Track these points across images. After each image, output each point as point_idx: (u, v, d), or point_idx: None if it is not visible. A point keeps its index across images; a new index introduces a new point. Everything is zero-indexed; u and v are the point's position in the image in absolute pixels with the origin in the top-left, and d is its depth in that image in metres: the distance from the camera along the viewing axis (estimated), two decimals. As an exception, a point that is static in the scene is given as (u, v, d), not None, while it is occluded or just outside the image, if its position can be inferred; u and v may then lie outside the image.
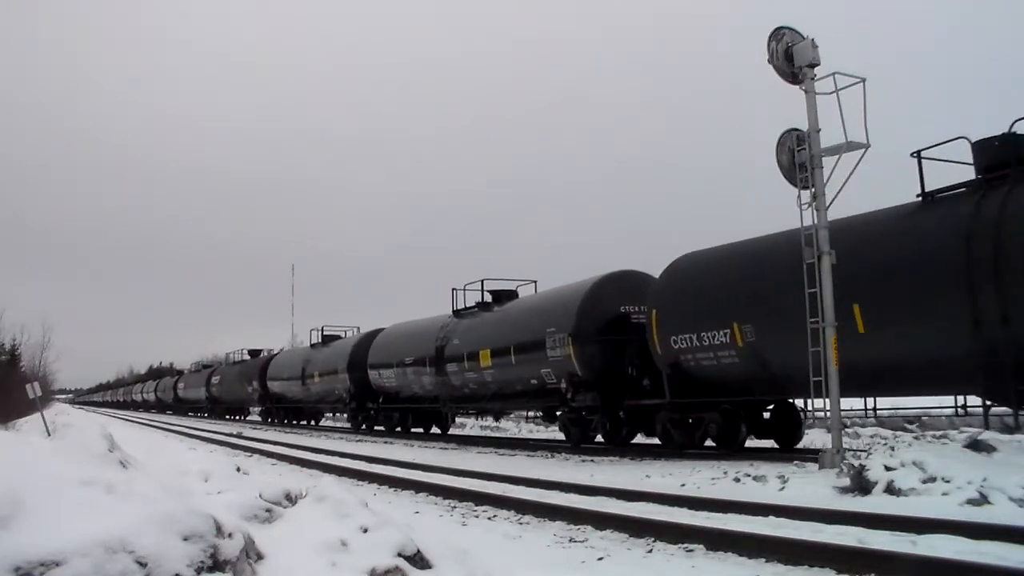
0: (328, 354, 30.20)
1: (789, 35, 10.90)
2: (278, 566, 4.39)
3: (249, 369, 40.77)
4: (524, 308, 18.91)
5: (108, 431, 5.57)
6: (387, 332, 26.28)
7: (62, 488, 3.88)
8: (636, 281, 16.40)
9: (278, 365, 36.39)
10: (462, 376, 20.05)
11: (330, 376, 28.98)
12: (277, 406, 37.20)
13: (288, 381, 34.12)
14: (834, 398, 10.07)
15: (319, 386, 30.31)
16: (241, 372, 42.27)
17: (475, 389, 19.98)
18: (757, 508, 7.46)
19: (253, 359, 42.95)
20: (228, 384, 45.05)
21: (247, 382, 40.10)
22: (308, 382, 31.25)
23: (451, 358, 20.51)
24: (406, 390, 23.89)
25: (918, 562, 5.05)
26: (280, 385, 35.38)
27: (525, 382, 17.62)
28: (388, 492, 10.88)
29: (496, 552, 6.09)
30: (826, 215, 10.57)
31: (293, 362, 34.06)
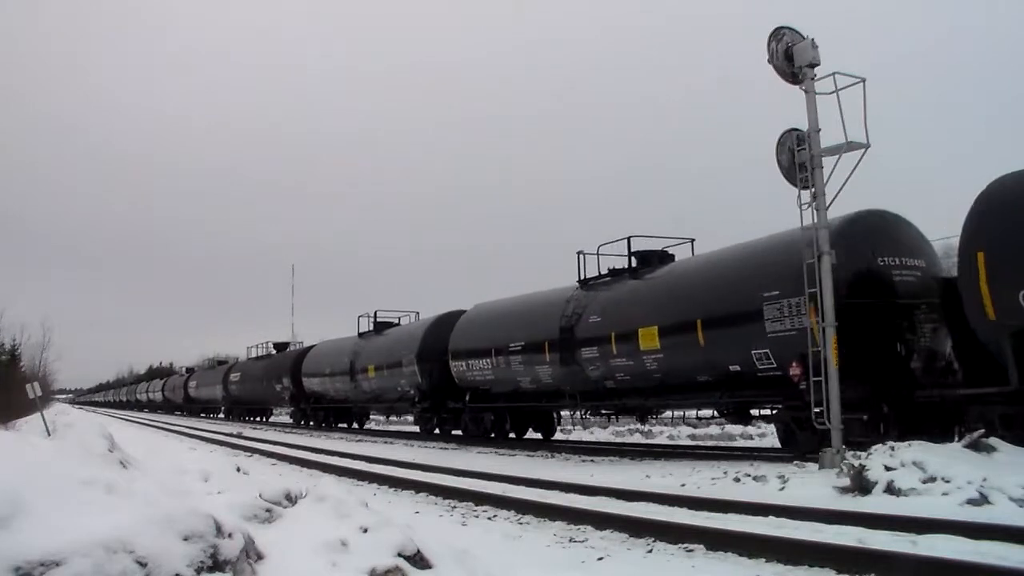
0: (387, 343, 25.34)
1: (789, 35, 10.90)
2: (278, 566, 4.39)
3: (278, 364, 36.30)
4: (712, 267, 13.98)
5: (108, 431, 5.57)
6: (477, 312, 21.35)
7: (62, 488, 3.88)
8: (896, 225, 12.12)
9: (317, 359, 31.28)
10: (605, 364, 15.30)
11: (392, 370, 24.02)
12: (315, 407, 32.39)
13: (331, 377, 29.17)
14: (834, 398, 10.07)
15: (375, 382, 25.41)
16: (267, 368, 37.63)
17: (625, 380, 15.08)
18: (757, 508, 7.46)
19: (282, 353, 38.47)
20: (251, 382, 40.38)
21: (275, 379, 35.69)
22: (359, 378, 26.37)
23: (586, 340, 15.78)
24: (506, 384, 18.93)
25: (918, 562, 5.06)
26: (320, 382, 30.43)
27: (719, 369, 13.06)
28: (388, 492, 10.88)
29: (496, 552, 6.09)
30: (826, 215, 10.58)
31: (337, 355, 28.92)
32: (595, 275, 16.77)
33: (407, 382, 23.29)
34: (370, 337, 27.16)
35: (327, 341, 32.86)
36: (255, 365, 41.00)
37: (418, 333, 23.33)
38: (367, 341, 27.08)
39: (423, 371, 22.34)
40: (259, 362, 40.65)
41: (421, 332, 23.15)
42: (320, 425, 32.43)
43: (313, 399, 32.12)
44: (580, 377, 16.18)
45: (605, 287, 16.35)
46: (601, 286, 16.50)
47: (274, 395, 36.80)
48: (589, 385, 16.15)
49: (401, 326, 26.62)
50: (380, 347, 25.62)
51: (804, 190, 10.78)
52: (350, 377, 27.09)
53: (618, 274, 16.36)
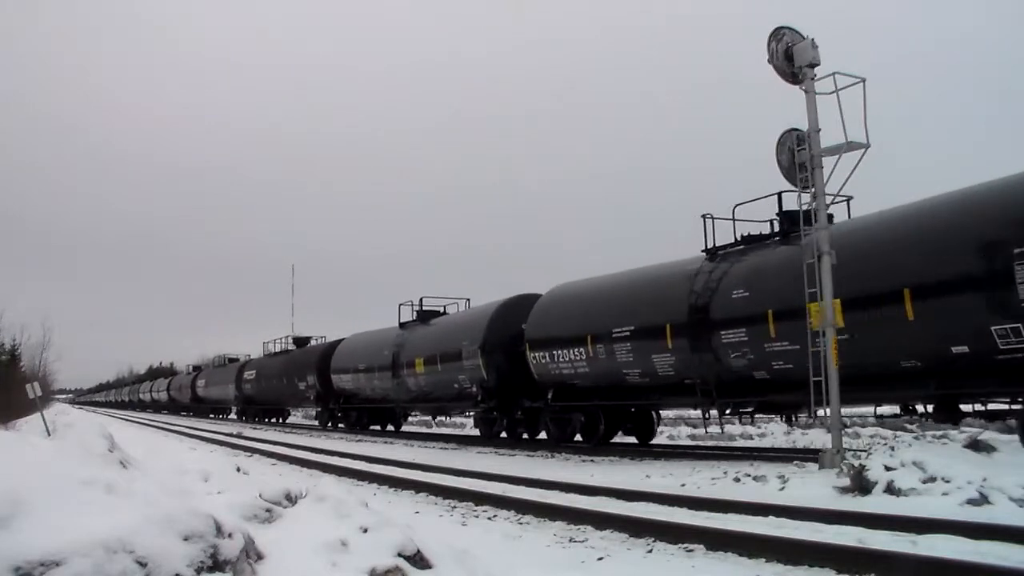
0: (439, 333, 22.18)
1: (789, 35, 10.90)
2: (278, 566, 4.39)
3: (300, 361, 32.98)
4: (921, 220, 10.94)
5: (108, 431, 5.57)
6: (562, 293, 17.98)
7: (62, 488, 3.88)
8: None
9: (349, 353, 27.84)
10: (757, 349, 12.32)
11: (447, 364, 20.66)
12: (346, 406, 28.95)
13: (367, 374, 25.76)
14: (834, 398, 10.06)
15: (425, 378, 22.04)
16: (288, 365, 34.40)
17: (784, 370, 11.99)
18: (757, 508, 7.46)
19: (305, 348, 35.24)
20: (268, 380, 36.99)
21: (297, 377, 32.43)
22: (404, 373, 23.03)
23: (728, 321, 12.71)
24: (606, 378, 15.70)
25: (918, 562, 5.06)
26: (352, 379, 27.07)
27: (935, 352, 10.37)
28: (388, 492, 10.89)
29: (496, 552, 6.09)
30: (826, 215, 10.58)
31: (375, 348, 25.43)
32: (728, 243, 13.83)
33: (467, 377, 19.77)
34: (415, 327, 23.74)
35: (361, 333, 28.73)
36: (273, 362, 37.46)
37: (481, 320, 19.66)
38: (412, 332, 23.61)
39: (488, 364, 18.95)
40: (277, 358, 37.25)
41: (486, 319, 19.49)
42: (352, 427, 29.07)
43: (343, 398, 28.72)
44: (716, 367, 13.12)
45: (744, 256, 13.38)
46: (738, 255, 13.51)
47: (296, 394, 33.57)
48: (729, 376, 13.04)
49: (456, 314, 23.22)
50: (431, 338, 22.22)
51: (804, 190, 10.78)
52: (392, 373, 23.67)
53: (754, 241, 13.61)
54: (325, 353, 30.04)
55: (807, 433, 18.25)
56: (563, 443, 17.18)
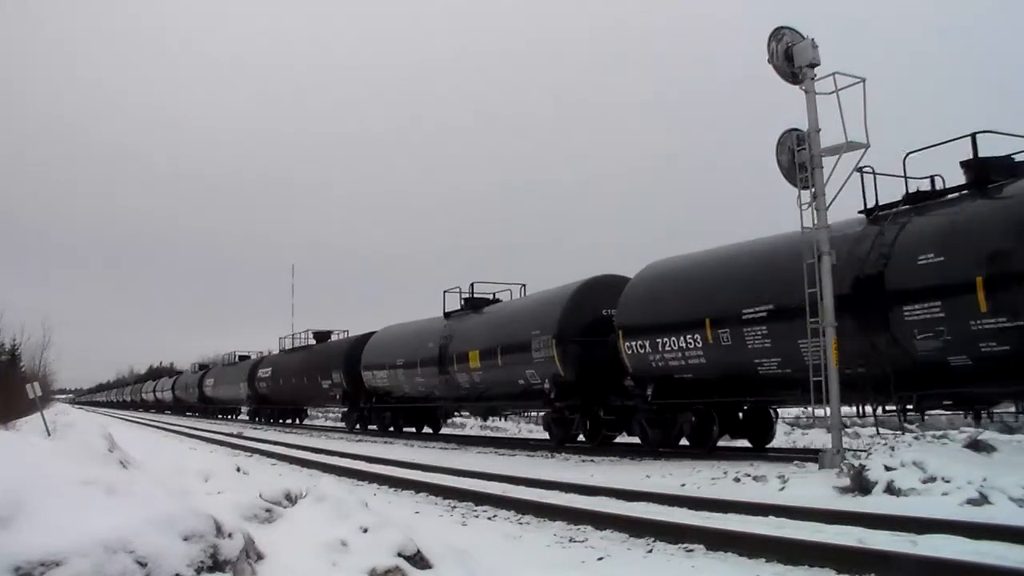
0: (497, 322, 19.28)
1: (789, 35, 10.90)
2: (278, 566, 4.39)
3: (324, 356, 30.03)
4: None
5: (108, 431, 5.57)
6: (664, 270, 15.26)
7: (62, 488, 3.88)
8: None
9: (383, 347, 25.03)
10: (957, 327, 9.87)
11: (511, 356, 17.77)
12: (379, 406, 25.97)
13: (406, 370, 22.92)
14: (834, 398, 10.06)
15: (481, 373, 19.18)
16: (309, 361, 31.44)
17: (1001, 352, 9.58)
18: (757, 508, 7.47)
19: (328, 343, 32.16)
20: (287, 378, 34.21)
21: (320, 374, 29.55)
22: (454, 368, 20.15)
23: (914, 293, 10.31)
24: (727, 368, 13.21)
25: (918, 562, 5.06)
26: (388, 376, 24.15)
27: None
28: (388, 492, 10.89)
29: (496, 552, 6.10)
30: (826, 215, 10.58)
31: (416, 340, 22.68)
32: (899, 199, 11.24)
33: (538, 372, 16.93)
34: (465, 316, 20.97)
35: (397, 325, 25.89)
36: (291, 359, 34.51)
37: (555, 306, 16.81)
38: (461, 322, 20.86)
39: (565, 356, 16.19)
40: (296, 355, 34.11)
41: (560, 304, 16.67)
42: (385, 430, 26.02)
43: (376, 397, 25.78)
44: (893, 352, 10.60)
45: (925, 214, 10.86)
46: (915, 213, 10.91)
47: (319, 394, 30.48)
48: (903, 362, 10.50)
49: (518, 300, 20.27)
50: (487, 328, 19.45)
51: (804, 190, 10.78)
52: (438, 369, 20.92)
53: (937, 196, 11.04)
54: (354, 348, 27.25)
55: (807, 433, 18.25)
56: (665, 447, 14.84)
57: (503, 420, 27.91)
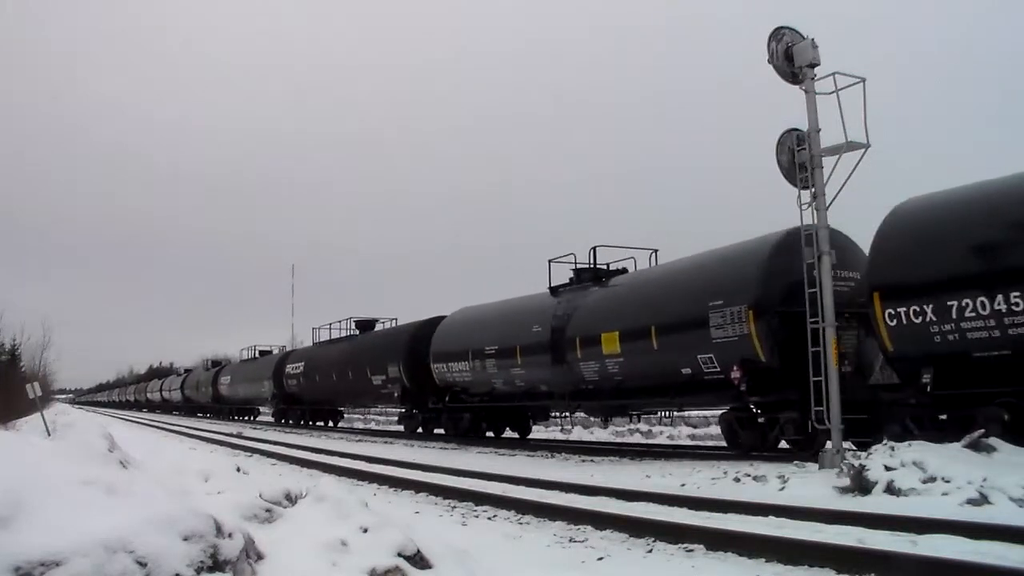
0: (640, 293, 15.27)
1: (789, 35, 10.91)
2: (278, 566, 4.39)
3: (376, 347, 25.52)
4: None
5: (108, 431, 5.57)
6: (945, 203, 10.79)
7: (62, 488, 3.88)
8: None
9: (462, 333, 20.68)
10: None
11: (673, 337, 13.57)
12: (456, 406, 21.29)
13: (499, 360, 18.47)
14: (834, 398, 10.07)
15: (623, 360, 14.72)
16: (354, 353, 26.93)
17: None
18: (757, 508, 7.47)
19: (377, 332, 27.76)
20: (323, 374, 29.65)
21: (371, 368, 24.99)
22: (577, 356, 15.73)
23: None
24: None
25: (918, 562, 5.06)
26: (473, 368, 19.57)
27: None
28: (388, 492, 10.89)
29: (496, 552, 6.10)
30: (826, 215, 10.59)
31: (516, 323, 18.18)
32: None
33: (718, 356, 12.71)
34: (585, 291, 16.69)
35: (476, 307, 21.83)
36: (330, 351, 29.90)
37: (747, 266, 12.70)
38: (581, 297, 16.57)
39: (766, 334, 12.01)
40: (337, 346, 29.64)
41: (756, 264, 12.52)
42: (463, 435, 21.08)
43: (450, 395, 21.37)
44: None
45: None
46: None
47: (367, 391, 25.90)
48: None
49: (669, 265, 15.49)
50: (628, 301, 15.19)
51: (804, 190, 10.79)
52: (550, 356, 16.56)
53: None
54: (418, 336, 22.78)
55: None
56: None
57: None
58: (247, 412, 46.32)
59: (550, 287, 18.07)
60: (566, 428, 22.95)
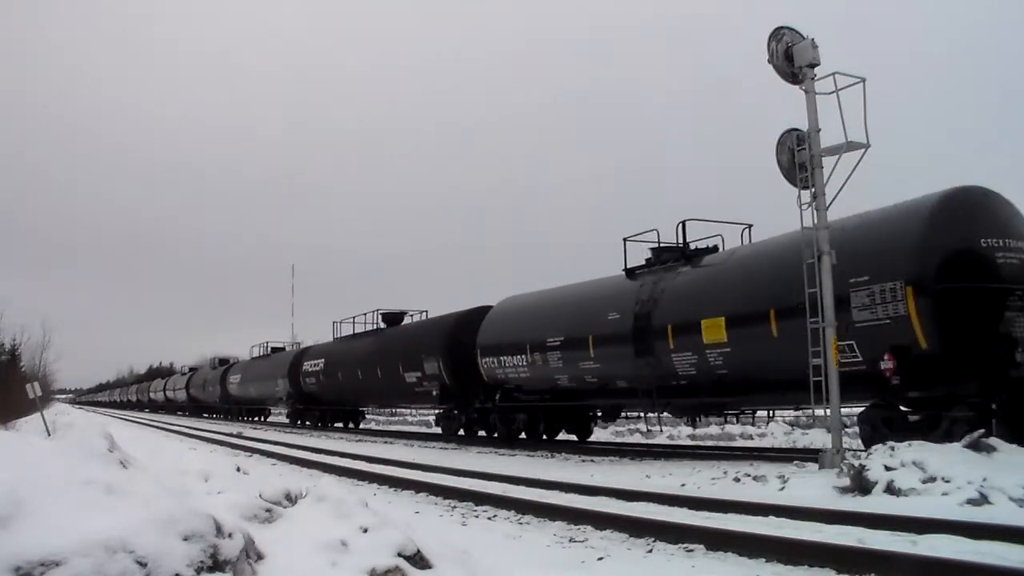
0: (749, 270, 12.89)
1: (789, 35, 10.90)
2: (278, 566, 4.39)
3: (410, 342, 23.11)
4: None
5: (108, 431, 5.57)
6: None
7: (62, 488, 3.88)
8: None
9: (516, 323, 18.33)
10: None
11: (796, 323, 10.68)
12: (508, 405, 19.03)
13: (563, 352, 16.25)
14: (834, 398, 10.06)
15: (732, 351, 12.45)
16: (384, 348, 24.70)
17: None
18: (757, 508, 7.47)
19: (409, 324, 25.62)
20: (347, 371, 27.36)
21: (403, 364, 22.66)
22: (668, 346, 13.50)
23: None
24: None
25: (918, 562, 5.06)
26: (529, 363, 17.26)
27: None
28: (388, 492, 10.88)
29: (496, 552, 6.09)
30: (826, 215, 10.58)
31: (586, 310, 16.06)
32: None
33: (861, 344, 10.59)
34: (673, 272, 14.44)
35: (530, 294, 19.44)
36: (354, 347, 27.57)
37: (903, 232, 10.42)
38: (669, 279, 14.30)
39: (931, 314, 9.87)
40: (362, 341, 27.23)
41: (914, 229, 10.30)
42: (514, 438, 19.07)
43: (501, 393, 19.12)
44: None
45: None
46: None
47: (399, 390, 23.67)
48: None
49: (791, 235, 11.64)
50: (734, 282, 12.79)
51: (804, 190, 10.78)
52: (632, 347, 14.32)
53: None
54: (460, 328, 20.43)
55: (807, 433, 18.25)
56: None
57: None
58: (258, 412, 43.81)
59: (626, 269, 15.77)
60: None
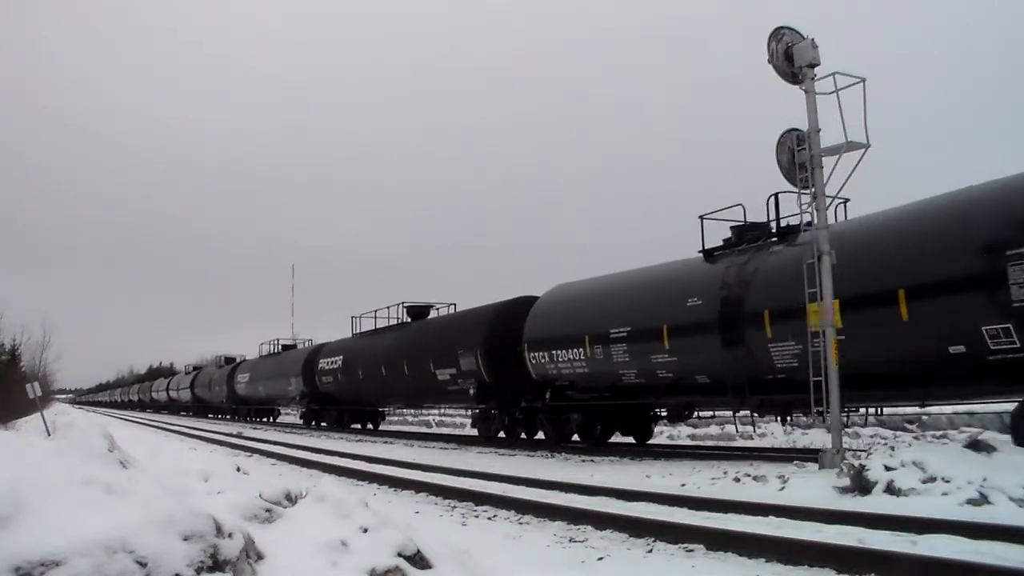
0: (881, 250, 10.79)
1: (789, 35, 10.90)
2: (278, 566, 4.39)
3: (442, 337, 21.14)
4: None
5: (108, 431, 5.57)
6: None
7: (62, 488, 3.88)
8: None
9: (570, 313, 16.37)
10: None
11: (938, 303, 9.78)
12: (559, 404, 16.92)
13: (633, 344, 14.42)
14: (834, 398, 10.06)
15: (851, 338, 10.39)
16: (411, 345, 22.77)
17: None
18: (757, 508, 7.47)
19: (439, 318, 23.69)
20: (367, 370, 25.36)
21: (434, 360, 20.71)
22: (766, 335, 11.96)
23: None
24: None
25: (918, 562, 5.06)
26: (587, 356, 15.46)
27: None
28: (388, 492, 10.89)
29: (496, 552, 6.09)
30: (826, 215, 10.58)
31: (655, 297, 14.43)
32: None
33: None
34: (764, 252, 12.85)
35: (583, 281, 17.40)
36: (376, 343, 25.59)
37: None
38: (758, 260, 12.70)
39: None
40: (385, 337, 25.25)
41: None
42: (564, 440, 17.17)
43: (552, 391, 16.91)
44: None
45: None
46: None
47: (429, 388, 21.66)
48: None
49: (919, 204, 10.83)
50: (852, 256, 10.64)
51: (804, 190, 10.78)
52: (720, 336, 12.68)
53: None
54: (501, 320, 18.60)
55: (807, 433, 18.24)
56: None
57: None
58: (266, 413, 41.93)
59: (704, 250, 14.17)
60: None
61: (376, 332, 26.70)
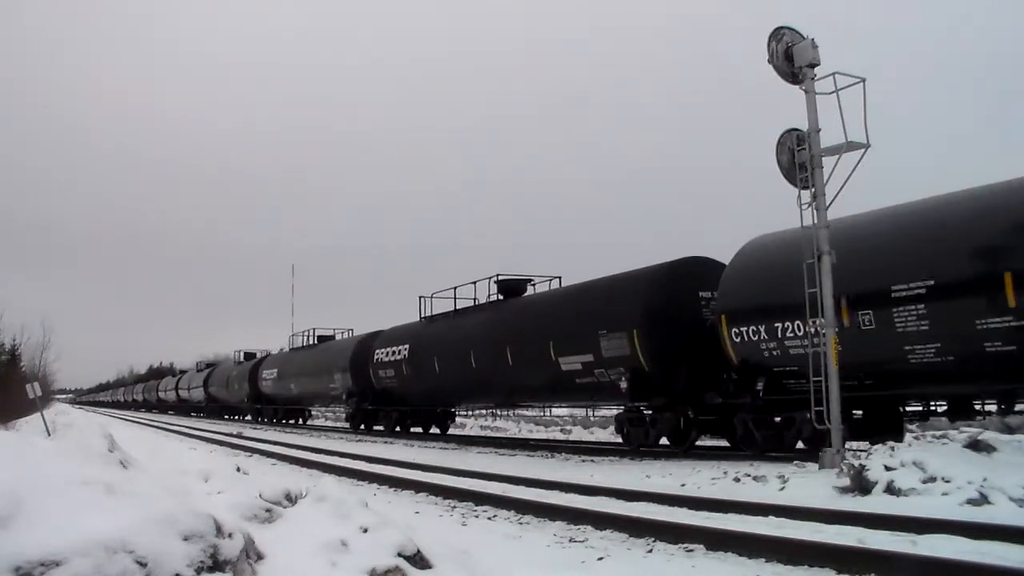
0: None
1: (789, 35, 10.91)
2: (278, 566, 4.39)
3: (560, 314, 16.63)
4: None
5: (108, 431, 5.57)
6: None
7: (62, 488, 3.88)
8: None
9: (785, 271, 11.40)
10: None
11: None
12: (778, 399, 12.33)
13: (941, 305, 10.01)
14: (834, 398, 10.07)
15: None
16: (508, 327, 18.24)
17: None
18: (757, 508, 7.46)
19: (545, 292, 18.89)
20: (445, 361, 20.58)
21: (554, 348, 15.93)
22: None
23: None
24: None
25: (918, 562, 5.06)
26: (861, 329, 10.78)
27: None
28: (388, 492, 10.88)
29: (496, 552, 6.09)
30: (826, 215, 10.59)
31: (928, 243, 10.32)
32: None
33: None
34: None
35: (785, 232, 12.53)
36: (456, 327, 20.85)
37: None
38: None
39: None
40: (467, 320, 20.53)
41: None
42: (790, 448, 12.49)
43: (765, 382, 12.49)
44: None
45: None
46: None
47: (547, 381, 16.85)
48: None
49: None
50: None
51: (804, 190, 10.79)
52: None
53: None
54: (665, 286, 14.25)
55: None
56: None
57: None
58: (296, 414, 36.17)
59: None
60: None
61: (457, 313, 21.30)
